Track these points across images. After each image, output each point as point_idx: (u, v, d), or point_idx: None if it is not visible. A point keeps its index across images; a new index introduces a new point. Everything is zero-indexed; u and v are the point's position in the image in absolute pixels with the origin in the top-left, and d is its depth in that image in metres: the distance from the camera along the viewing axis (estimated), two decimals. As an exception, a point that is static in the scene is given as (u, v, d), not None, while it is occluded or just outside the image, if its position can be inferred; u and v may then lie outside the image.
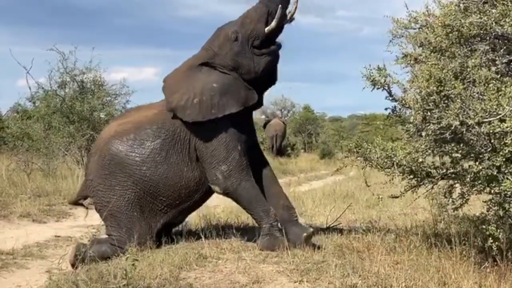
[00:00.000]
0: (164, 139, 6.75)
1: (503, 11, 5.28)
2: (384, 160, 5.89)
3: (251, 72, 6.78)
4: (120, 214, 6.69)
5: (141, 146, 6.75)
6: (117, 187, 6.71)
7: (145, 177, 6.69)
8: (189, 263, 5.92)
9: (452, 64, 5.40)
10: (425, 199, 6.86)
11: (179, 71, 6.98)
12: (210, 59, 6.80)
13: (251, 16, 6.76)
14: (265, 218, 6.62)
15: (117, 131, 6.90)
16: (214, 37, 6.90)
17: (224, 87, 6.73)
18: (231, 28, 6.78)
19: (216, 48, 6.81)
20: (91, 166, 6.94)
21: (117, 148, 6.77)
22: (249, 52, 6.75)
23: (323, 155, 32.52)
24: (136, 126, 6.89)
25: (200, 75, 6.80)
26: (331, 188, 14.05)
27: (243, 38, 6.72)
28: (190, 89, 6.72)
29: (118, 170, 6.72)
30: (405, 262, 5.77)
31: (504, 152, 4.99)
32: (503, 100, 4.93)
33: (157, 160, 6.72)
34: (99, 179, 6.78)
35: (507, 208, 5.29)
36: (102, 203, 6.76)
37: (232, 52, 6.74)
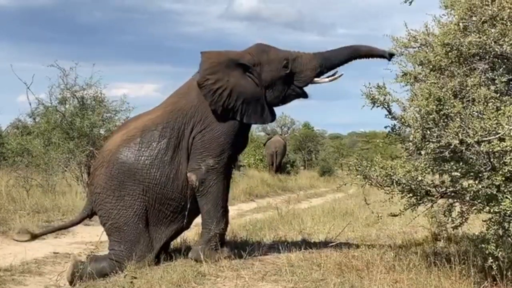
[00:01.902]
0: (169, 138, 6.88)
1: (502, 30, 5.30)
2: (383, 178, 5.88)
3: (276, 99, 7.18)
4: (126, 227, 6.71)
5: (148, 148, 6.84)
6: (126, 197, 6.74)
7: (154, 180, 6.77)
8: (187, 280, 5.91)
9: (451, 83, 5.40)
10: (424, 217, 6.86)
11: (221, 55, 7.14)
12: (251, 64, 7.04)
13: (306, 60, 7.14)
14: (213, 227, 6.78)
15: (123, 139, 6.95)
16: (261, 50, 7.16)
17: (251, 97, 7.00)
18: (283, 53, 7.14)
19: (262, 60, 7.07)
20: (98, 180, 6.91)
21: (125, 155, 6.83)
22: (288, 84, 7.12)
23: (323, 173, 32.48)
24: (142, 129, 6.96)
25: (235, 72, 7.03)
26: (331, 206, 14.04)
27: (291, 70, 7.07)
28: (225, 79, 6.93)
29: (128, 178, 6.76)
30: (404, 281, 5.74)
31: (504, 171, 4.98)
32: (502, 119, 4.93)
33: (165, 161, 6.83)
34: (108, 191, 6.79)
35: (507, 227, 5.27)
36: (109, 215, 6.77)
37: (276, 73, 7.07)
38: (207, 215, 6.85)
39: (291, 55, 7.12)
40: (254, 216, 12.96)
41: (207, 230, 6.82)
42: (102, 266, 6.67)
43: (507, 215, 5.10)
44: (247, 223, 10.87)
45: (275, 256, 7.09)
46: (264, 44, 7.24)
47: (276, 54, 7.11)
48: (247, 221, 11.43)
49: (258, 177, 22.75)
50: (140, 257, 6.64)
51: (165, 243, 6.96)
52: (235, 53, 7.18)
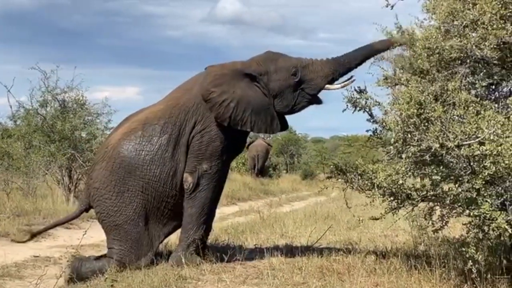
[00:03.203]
0: (171, 134, 6.82)
1: (483, 34, 5.34)
2: (365, 182, 5.91)
3: (286, 107, 7.06)
4: (126, 225, 6.67)
5: (149, 142, 6.78)
6: (126, 194, 6.68)
7: (154, 177, 6.73)
8: (168, 284, 5.89)
9: (432, 87, 5.44)
10: (405, 221, 6.89)
11: (225, 67, 7.06)
12: (258, 73, 6.95)
13: (317, 67, 7.01)
14: (192, 232, 6.77)
15: (123, 133, 6.88)
16: (269, 58, 7.07)
17: (259, 108, 6.93)
18: (292, 61, 7.03)
19: (269, 69, 6.97)
20: (97, 174, 6.83)
21: (126, 148, 6.77)
22: (297, 91, 6.99)
23: (305, 176, 32.56)
24: (143, 122, 6.90)
25: (242, 83, 6.94)
26: (313, 209, 14.05)
27: (300, 78, 6.94)
28: (231, 91, 6.84)
29: (128, 174, 6.71)
30: (385, 284, 5.76)
31: (483, 175, 5.01)
32: (482, 123, 4.96)
33: (165, 157, 6.78)
34: (108, 186, 6.72)
35: (486, 230, 5.31)
36: (109, 212, 6.71)
37: (285, 82, 6.95)
38: (190, 219, 6.83)
39: (301, 62, 7.01)
40: (236, 220, 12.95)
41: (186, 235, 6.80)
42: (102, 264, 6.63)
43: (487, 219, 5.13)
44: (229, 227, 10.85)
45: (256, 259, 7.09)
46: (274, 52, 7.14)
47: (285, 62, 7.01)
48: (229, 225, 11.41)
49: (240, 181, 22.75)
50: (141, 256, 6.64)
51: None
52: (241, 63, 7.09)
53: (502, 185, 5.18)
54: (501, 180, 5.17)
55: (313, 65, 7.02)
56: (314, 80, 6.98)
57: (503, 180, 5.16)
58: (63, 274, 6.59)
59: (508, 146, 4.78)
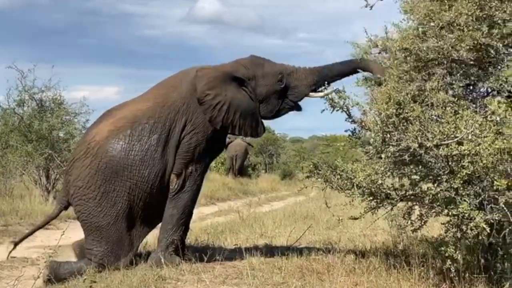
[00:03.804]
0: (160, 133, 6.75)
1: (459, 36, 5.38)
2: (344, 182, 5.92)
3: (270, 112, 7.13)
4: (108, 227, 6.57)
5: (139, 142, 6.69)
6: (111, 194, 6.57)
7: (143, 177, 6.65)
8: (147, 284, 5.87)
9: (410, 87, 5.47)
10: (384, 220, 6.92)
11: (216, 70, 7.05)
12: (246, 78, 6.98)
13: (303, 74, 7.08)
14: (171, 233, 6.75)
15: (111, 131, 6.73)
16: (256, 63, 7.10)
17: (246, 111, 6.97)
18: (278, 67, 7.08)
19: (257, 74, 7.00)
20: (79, 172, 6.66)
21: (114, 148, 6.64)
22: (282, 98, 7.05)
23: (284, 176, 32.57)
24: (132, 121, 6.78)
25: (231, 86, 6.95)
26: (292, 209, 14.07)
27: (286, 85, 7.00)
28: (223, 94, 6.86)
29: (115, 174, 6.59)
30: (365, 284, 5.79)
31: (462, 174, 5.05)
32: (460, 123, 5.00)
33: (155, 157, 6.71)
34: (92, 186, 6.58)
35: (465, 230, 5.34)
36: (91, 212, 6.59)
37: (271, 88, 7.00)
38: (170, 219, 6.80)
39: (286, 69, 7.07)
40: (216, 220, 12.94)
41: (165, 236, 6.78)
42: (81, 266, 6.56)
43: (465, 218, 5.16)
44: (209, 227, 10.84)
45: (236, 259, 7.09)
46: (259, 57, 7.18)
47: (271, 68, 7.06)
48: (209, 225, 11.40)
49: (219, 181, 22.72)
50: (121, 256, 6.59)
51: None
52: (230, 66, 7.10)
53: (480, 185, 5.22)
54: (479, 180, 5.21)
55: (297, 72, 7.08)
56: (298, 88, 7.04)
57: (481, 179, 5.20)
58: (41, 275, 6.53)
59: (486, 146, 4.82)
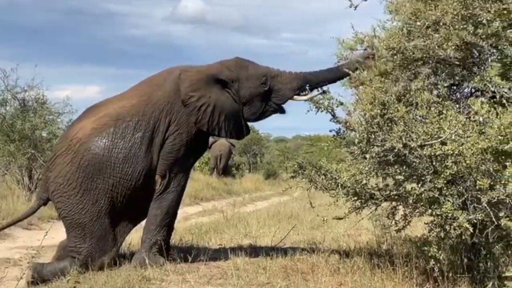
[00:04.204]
0: (144, 132, 6.71)
1: (445, 35, 5.40)
2: (328, 182, 5.93)
3: (254, 115, 7.13)
4: (90, 223, 6.52)
5: (123, 140, 6.63)
6: (93, 192, 6.52)
7: (126, 175, 6.60)
8: (132, 285, 5.84)
9: (395, 88, 5.48)
10: (368, 220, 6.94)
11: (200, 72, 7.02)
12: (229, 80, 6.97)
13: (287, 78, 7.09)
14: (156, 234, 6.74)
15: (94, 128, 6.67)
16: (240, 65, 7.08)
17: (230, 114, 6.98)
18: (262, 70, 7.08)
19: (241, 76, 7.00)
20: (60, 169, 6.59)
21: (97, 146, 6.58)
22: (265, 100, 7.06)
23: (268, 176, 32.59)
24: (115, 118, 6.73)
25: (215, 88, 6.95)
26: (276, 209, 14.08)
27: (269, 87, 7.01)
28: (207, 96, 6.85)
29: (98, 172, 6.54)
30: (349, 283, 5.80)
31: (445, 174, 5.07)
32: (444, 123, 5.02)
33: (138, 156, 6.66)
34: (74, 183, 6.51)
35: (448, 229, 5.38)
36: (72, 209, 6.53)
37: (255, 90, 7.00)
38: (154, 220, 6.78)
39: (271, 72, 7.07)
40: (200, 220, 12.92)
41: (149, 236, 6.76)
42: (64, 265, 6.52)
43: (449, 218, 5.19)
44: (193, 227, 10.82)
45: (220, 259, 7.08)
46: (243, 59, 7.16)
47: (255, 70, 7.06)
48: (193, 225, 11.38)
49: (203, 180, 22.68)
50: (105, 252, 6.55)
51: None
52: (214, 68, 7.07)
53: (463, 185, 5.25)
54: (462, 180, 5.24)
55: (281, 76, 7.08)
56: (282, 91, 7.05)
57: (464, 179, 5.23)
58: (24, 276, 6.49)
59: (469, 146, 4.85)
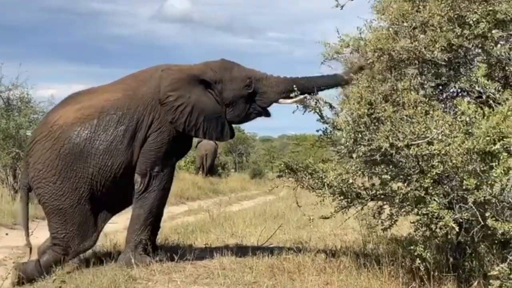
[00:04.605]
0: (127, 126, 6.69)
1: (432, 37, 5.42)
2: (315, 181, 5.94)
3: (237, 117, 7.10)
4: (71, 209, 6.53)
5: (105, 132, 6.63)
6: (73, 179, 6.53)
7: (106, 167, 6.60)
8: (118, 285, 5.82)
9: (382, 87, 5.50)
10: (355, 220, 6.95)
11: (182, 71, 7.00)
12: (213, 81, 6.95)
13: (273, 82, 7.03)
14: (140, 233, 6.73)
15: (77, 118, 6.67)
16: (224, 67, 7.05)
17: (211, 115, 6.93)
18: (247, 72, 7.03)
19: (224, 78, 6.96)
20: (39, 155, 6.61)
21: (79, 135, 6.58)
22: (250, 103, 7.02)
23: (254, 175, 32.60)
24: (99, 110, 6.72)
25: (196, 89, 6.91)
26: (262, 209, 14.08)
27: (254, 90, 6.96)
28: (187, 96, 6.81)
29: (77, 160, 6.54)
30: (335, 283, 5.82)
31: (432, 174, 5.09)
32: (431, 123, 5.04)
33: (119, 149, 6.64)
34: (53, 170, 6.53)
35: (434, 229, 5.40)
36: (52, 196, 6.54)
37: (238, 92, 6.96)
38: (137, 219, 6.77)
39: (256, 75, 7.03)
40: (186, 219, 12.88)
41: (133, 236, 6.75)
42: (46, 259, 6.52)
43: (435, 217, 5.21)
44: (179, 226, 10.80)
45: (207, 259, 7.06)
46: (229, 61, 7.13)
47: (240, 72, 7.02)
48: (179, 224, 11.35)
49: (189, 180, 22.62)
50: (86, 238, 6.57)
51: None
52: (197, 69, 7.06)
53: (449, 184, 5.27)
54: (449, 179, 5.26)
55: (267, 79, 7.05)
56: (267, 94, 7.01)
57: (450, 179, 5.25)
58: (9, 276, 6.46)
59: (455, 146, 4.86)
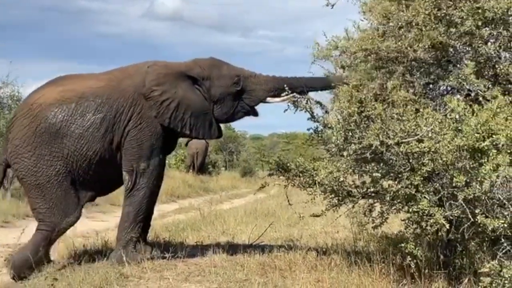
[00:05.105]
0: (105, 115, 6.68)
1: (416, 36, 5.46)
2: (306, 179, 5.97)
3: (225, 115, 7.10)
4: (49, 184, 6.56)
5: (82, 117, 6.63)
6: (47, 157, 6.56)
7: (81, 151, 6.61)
8: (109, 282, 5.83)
9: (372, 85, 5.53)
10: (345, 217, 6.98)
11: (169, 67, 7.00)
12: (200, 77, 6.96)
13: (262, 80, 7.06)
14: (130, 231, 6.75)
15: (57, 99, 6.70)
16: (213, 64, 7.07)
17: (198, 111, 6.93)
18: (235, 70, 7.06)
19: (212, 75, 6.98)
20: (18, 131, 6.68)
21: (55, 116, 6.61)
22: (237, 100, 7.03)
23: (244, 173, 32.62)
24: (79, 95, 6.73)
25: (184, 85, 6.92)
26: (253, 207, 14.08)
27: (242, 88, 6.98)
28: (173, 91, 6.81)
29: (53, 139, 6.57)
30: (326, 280, 5.83)
31: (422, 171, 5.12)
32: (420, 121, 5.07)
33: (95, 136, 6.64)
34: (28, 146, 6.58)
35: (424, 226, 5.43)
36: (28, 171, 6.58)
37: (226, 89, 6.98)
38: (126, 217, 6.79)
39: (244, 73, 7.06)
40: (176, 217, 12.87)
41: (123, 234, 6.76)
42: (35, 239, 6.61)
43: (425, 215, 5.24)
44: (170, 224, 10.79)
45: (198, 257, 7.08)
46: (218, 59, 7.15)
47: (229, 70, 7.05)
48: (169, 222, 11.35)
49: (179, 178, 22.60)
50: (67, 214, 6.59)
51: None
52: (185, 65, 7.07)
53: (440, 182, 5.30)
54: (439, 177, 5.30)
55: (256, 77, 7.08)
56: (255, 92, 7.04)
57: (441, 176, 5.28)
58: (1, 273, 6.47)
59: (445, 143, 4.90)
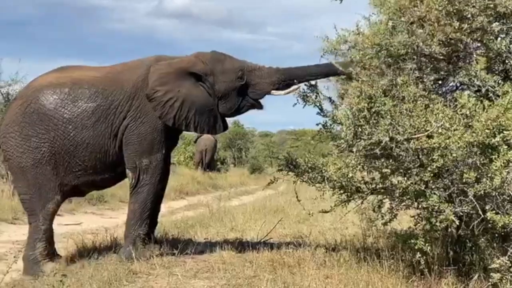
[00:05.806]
0: (98, 105, 6.67)
1: (430, 31, 5.42)
2: (315, 175, 5.95)
3: (230, 110, 7.00)
4: (32, 169, 6.59)
5: (73, 103, 6.64)
6: (34, 139, 6.59)
7: (68, 136, 6.61)
8: (118, 278, 5.83)
9: (381, 81, 5.50)
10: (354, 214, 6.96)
11: (171, 65, 6.91)
12: (203, 73, 6.87)
13: (265, 73, 6.92)
14: (138, 228, 6.74)
15: (51, 82, 6.74)
16: (216, 59, 6.96)
17: (203, 108, 6.86)
18: (239, 64, 6.93)
19: (216, 70, 6.87)
20: (10, 111, 6.79)
21: (46, 98, 6.64)
22: (242, 95, 6.92)
23: (253, 170, 32.61)
24: (74, 82, 6.75)
25: (186, 82, 6.85)
26: (262, 203, 14.06)
27: (246, 82, 6.87)
28: (175, 90, 6.76)
29: (40, 121, 6.60)
30: (335, 277, 5.82)
31: (432, 167, 5.10)
32: (430, 116, 5.05)
33: (85, 124, 6.64)
34: (17, 126, 6.63)
35: (434, 222, 5.40)
36: (14, 152, 6.63)
37: (230, 84, 6.86)
38: (132, 215, 6.79)
39: (248, 66, 6.93)
40: (185, 214, 12.87)
41: (130, 231, 6.77)
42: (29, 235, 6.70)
43: (435, 211, 5.23)
44: (178, 221, 10.79)
45: (207, 253, 7.08)
46: (220, 53, 7.03)
47: (232, 64, 6.92)
48: (178, 219, 11.35)
49: (188, 175, 22.62)
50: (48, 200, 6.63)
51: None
52: (187, 61, 6.97)
53: (449, 178, 5.28)
54: (449, 173, 5.27)
55: (259, 70, 6.95)
56: (260, 85, 6.92)
57: (450, 172, 5.26)
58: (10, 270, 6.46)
59: (455, 139, 4.87)
